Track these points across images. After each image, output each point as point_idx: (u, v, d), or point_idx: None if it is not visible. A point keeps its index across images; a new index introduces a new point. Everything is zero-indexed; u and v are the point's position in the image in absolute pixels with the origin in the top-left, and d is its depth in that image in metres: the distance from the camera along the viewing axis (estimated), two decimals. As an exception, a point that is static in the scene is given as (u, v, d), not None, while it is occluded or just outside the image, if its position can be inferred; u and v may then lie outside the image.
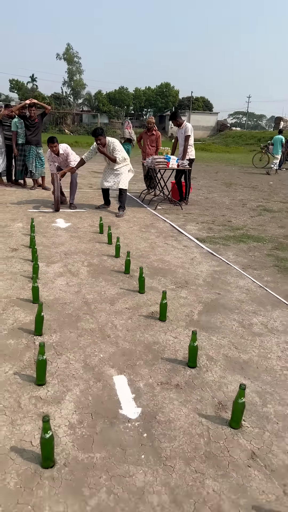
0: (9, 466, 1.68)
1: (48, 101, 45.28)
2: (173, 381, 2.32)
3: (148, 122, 8.49)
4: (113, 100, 47.93)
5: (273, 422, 2.03)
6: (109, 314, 3.08)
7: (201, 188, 10.23)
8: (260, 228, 6.23)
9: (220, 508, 1.56)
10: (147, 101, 48.31)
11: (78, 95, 49.47)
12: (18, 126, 7.78)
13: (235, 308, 3.33)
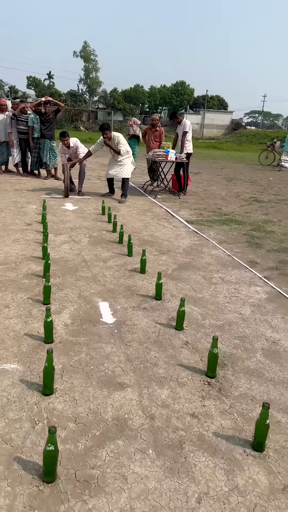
0: (23, 342, 2.62)
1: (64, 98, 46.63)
2: (142, 306, 3.24)
3: (152, 119, 9.41)
4: (128, 98, 49.01)
5: (206, 328, 2.93)
6: (101, 268, 4.01)
7: (203, 181, 11.09)
8: (245, 214, 7.08)
9: (157, 363, 2.47)
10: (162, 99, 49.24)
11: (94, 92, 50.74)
12: (34, 122, 8.78)
13: (203, 268, 4.23)
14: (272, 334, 2.93)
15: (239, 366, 2.50)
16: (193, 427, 1.96)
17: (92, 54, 49.25)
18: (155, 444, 1.84)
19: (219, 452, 1.83)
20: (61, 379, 2.25)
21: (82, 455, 1.75)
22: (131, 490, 1.60)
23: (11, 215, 5.84)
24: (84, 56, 48.75)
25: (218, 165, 16.62)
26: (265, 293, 3.66)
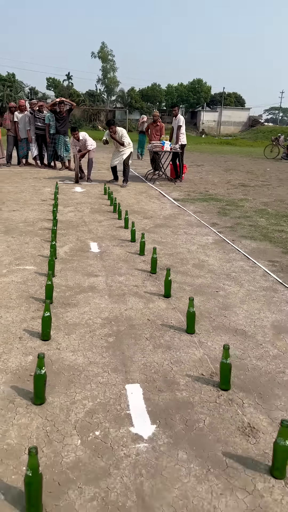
0: (36, 258, 4.15)
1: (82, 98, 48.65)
2: (120, 245, 4.72)
3: (154, 115, 10.90)
4: (146, 96, 50.60)
5: (160, 254, 4.38)
6: (96, 225, 5.52)
7: (202, 172, 12.47)
8: (227, 195, 8.46)
9: (121, 268, 3.95)
10: (179, 97, 50.59)
11: (112, 92, 52.61)
12: (50, 120, 10.40)
13: (173, 226, 5.67)
14: (204, 258, 4.36)
15: (173, 270, 3.94)
16: (134, 288, 3.43)
17: (110, 54, 51.17)
18: (110, 294, 3.32)
19: (144, 297, 3.29)
20: (59, 273, 3.76)
21: (70, 296, 3.24)
22: (90, 306, 3.08)
23: (30, 194, 7.43)
24: (102, 57, 50.70)
25: (224, 158, 17.90)
26: (213, 240, 5.09)
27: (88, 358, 2.43)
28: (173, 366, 2.39)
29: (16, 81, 52.06)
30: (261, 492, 1.58)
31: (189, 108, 51.34)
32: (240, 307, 3.21)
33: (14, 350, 2.48)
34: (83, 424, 1.90)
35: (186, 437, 1.84)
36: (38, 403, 2.00)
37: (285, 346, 2.67)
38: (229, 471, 1.67)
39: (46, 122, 10.44)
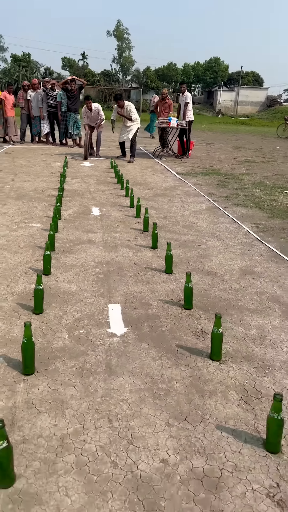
0: (43, 218, 4.71)
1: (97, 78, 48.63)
2: (119, 209, 5.24)
3: (163, 93, 11.23)
4: (161, 76, 50.24)
5: (154, 216, 4.89)
6: (100, 194, 6.05)
7: (210, 149, 12.78)
8: (230, 170, 8.84)
9: (117, 227, 4.48)
10: (196, 76, 50.04)
11: (127, 71, 52.33)
12: (62, 97, 10.86)
13: (172, 196, 6.15)
14: (194, 220, 4.86)
15: (164, 229, 4.45)
16: (127, 242, 3.96)
17: (125, 33, 50.73)
18: (105, 245, 3.86)
19: (134, 248, 3.82)
20: (63, 231, 4.31)
21: (70, 246, 3.80)
22: (86, 253, 3.64)
23: (41, 168, 7.98)
24: (117, 35, 50.31)
25: (236, 137, 18.06)
26: (206, 207, 5.56)
27: (80, 287, 2.99)
28: (149, 293, 2.93)
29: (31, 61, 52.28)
30: (200, 368, 2.12)
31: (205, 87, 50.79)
32: (216, 257, 3.72)
33: (20, 280, 3.05)
34: (71, 326, 2.46)
35: (150, 335, 2.39)
36: (37, 312, 2.57)
37: (247, 283, 3.18)
38: (179, 355, 2.22)
39: (58, 100, 10.90)
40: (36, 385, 1.95)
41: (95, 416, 1.76)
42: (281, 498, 1.43)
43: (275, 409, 1.54)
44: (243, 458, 1.58)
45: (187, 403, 1.86)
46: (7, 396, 1.86)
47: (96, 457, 1.56)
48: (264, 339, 2.41)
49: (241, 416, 1.79)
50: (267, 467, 1.55)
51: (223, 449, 1.62)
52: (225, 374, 2.07)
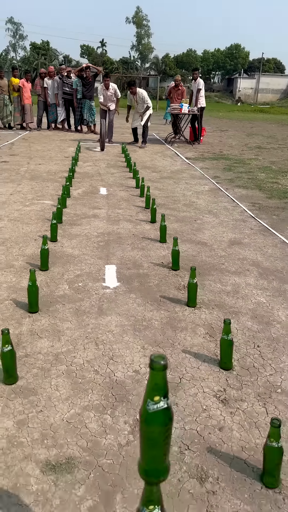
0: (53, 196, 5.14)
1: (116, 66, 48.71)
2: (125, 190, 5.63)
3: (176, 80, 11.47)
4: (180, 63, 49.96)
5: (157, 196, 5.26)
6: (109, 176, 6.44)
7: (223, 136, 12.98)
8: (239, 155, 9.09)
9: (121, 204, 4.87)
10: (215, 63, 49.57)
11: (146, 59, 52.28)
12: (78, 85, 11.24)
13: (177, 178, 6.50)
14: (194, 200, 5.21)
15: (165, 207, 4.82)
16: (128, 217, 4.36)
17: (145, 19, 50.55)
18: (108, 219, 4.27)
19: (134, 222, 4.21)
20: (71, 207, 4.73)
21: (76, 220, 4.22)
22: (90, 225, 4.05)
23: (55, 152, 8.42)
24: (137, 22, 50.22)
25: (251, 125, 18.11)
26: (209, 188, 5.89)
27: (82, 251, 3.41)
28: (142, 258, 3.33)
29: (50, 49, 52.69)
30: (176, 312, 2.52)
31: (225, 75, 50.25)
32: (209, 230, 4.08)
33: (30, 245, 3.49)
34: (72, 280, 2.89)
35: (138, 289, 2.80)
36: (43, 269, 3.01)
37: (232, 252, 3.53)
38: (161, 303, 2.62)
39: (73, 87, 11.28)
40: (38, 320, 2.38)
41: (85, 341, 2.18)
42: (225, 398, 1.82)
43: (225, 332, 1.92)
44: (199, 372, 1.98)
45: (161, 335, 2.26)
46: (15, 326, 2.29)
47: (83, 367, 1.98)
48: (236, 293, 2.78)
49: (204, 345, 2.19)
50: (218, 378, 1.94)
51: (185, 365, 2.02)
52: (197, 317, 2.46)
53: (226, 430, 1.66)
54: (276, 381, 1.94)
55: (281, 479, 1.45)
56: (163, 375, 0.80)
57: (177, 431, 1.64)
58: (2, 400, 1.77)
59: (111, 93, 9.75)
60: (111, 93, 9.75)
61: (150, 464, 0.84)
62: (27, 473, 1.45)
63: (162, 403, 0.80)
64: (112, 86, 9.72)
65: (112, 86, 9.72)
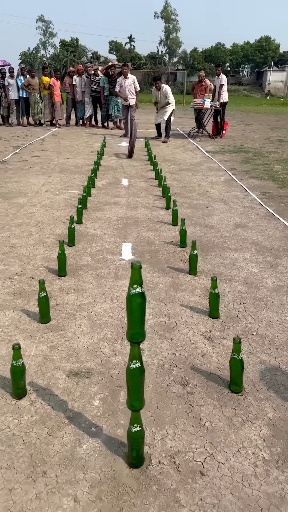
0: (80, 188, 5.74)
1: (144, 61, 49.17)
2: (145, 181, 6.16)
3: (200, 75, 11.88)
4: (209, 57, 49.85)
5: (174, 186, 5.76)
6: (131, 169, 6.99)
7: (247, 130, 13.27)
8: (259, 148, 9.42)
9: (140, 193, 5.41)
10: (245, 57, 49.16)
11: (174, 53, 52.46)
12: (105, 82, 11.83)
13: (195, 170, 6.97)
14: (209, 189, 5.68)
15: (180, 195, 5.32)
16: (146, 204, 4.89)
17: (173, 13, 50.69)
18: (127, 206, 4.81)
19: (151, 208, 4.73)
20: (95, 196, 5.30)
21: (99, 206, 4.79)
22: (111, 211, 4.60)
23: (82, 147, 9.05)
24: (165, 17, 50.44)
25: (277, 119, 18.21)
26: (224, 179, 6.33)
27: (103, 232, 3.98)
28: (155, 237, 3.86)
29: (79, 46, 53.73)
30: (179, 278, 3.03)
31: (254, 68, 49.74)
32: (218, 215, 4.56)
33: (59, 227, 4.09)
34: (93, 253, 3.46)
35: (149, 261, 3.33)
36: (70, 245, 3.59)
37: (236, 233, 4.00)
38: (167, 272, 3.14)
39: (101, 84, 11.89)
40: (66, 281, 2.96)
41: (102, 297, 2.74)
42: (209, 336, 2.33)
43: (213, 287, 2.42)
44: (192, 319, 2.49)
45: (164, 294, 2.79)
46: (47, 286, 2.87)
47: (100, 314, 2.54)
48: (233, 265, 3.26)
49: (199, 301, 2.70)
50: (207, 323, 2.45)
51: (180, 314, 2.54)
52: (196, 282, 2.97)
53: (207, 356, 2.17)
54: (254, 327, 2.43)
55: (244, 387, 1.96)
56: (139, 272, 1.32)
57: (169, 355, 2.17)
58: (38, 333, 2.35)
59: (129, 83, 10.10)
60: (130, 83, 10.11)
61: (132, 329, 1.36)
62: (57, 377, 2.02)
63: (138, 289, 1.32)
64: (131, 76, 10.13)
65: (131, 76, 10.13)
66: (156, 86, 9.89)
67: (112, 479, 1.51)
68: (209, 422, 1.77)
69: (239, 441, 1.68)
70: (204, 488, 1.48)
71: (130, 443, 1.53)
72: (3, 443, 1.65)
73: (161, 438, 1.69)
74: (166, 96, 9.90)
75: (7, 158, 7.71)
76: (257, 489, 1.48)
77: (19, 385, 1.85)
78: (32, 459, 1.59)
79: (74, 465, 1.56)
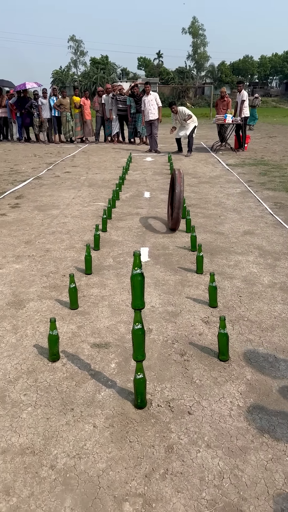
0: (106, 198, 6.38)
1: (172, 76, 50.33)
2: (166, 193, 6.73)
3: (222, 91, 12.47)
4: (237, 70, 50.49)
5: (191, 199, 6.30)
6: (153, 182, 7.59)
7: (270, 142, 13.67)
8: (279, 160, 9.84)
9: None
10: (273, 68, 49.47)
11: (202, 67, 53.43)
12: (131, 101, 12.61)
13: (213, 183, 7.49)
14: (224, 201, 6.18)
15: (196, 206, 5.85)
16: (164, 215, 5.45)
17: (201, 28, 51.82)
18: (147, 216, 5.39)
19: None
20: (119, 207, 5.92)
21: (122, 216, 5.40)
22: (133, 221, 5.20)
23: (110, 163, 9.77)
24: (193, 32, 51.63)
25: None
26: (240, 191, 6.82)
27: (124, 238, 4.57)
28: (170, 243, 4.41)
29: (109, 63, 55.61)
30: (187, 276, 3.57)
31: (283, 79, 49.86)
32: (229, 224, 5.06)
33: (87, 234, 4.72)
34: (115, 256, 4.04)
35: (163, 262, 3.88)
36: (96, 249, 4.19)
37: (244, 239, 4.49)
38: (177, 271, 3.68)
39: (127, 103, 12.68)
40: (91, 278, 3.55)
41: (121, 290, 3.31)
42: (207, 321, 2.85)
43: (211, 281, 2.94)
44: (194, 308, 3.02)
45: (173, 289, 3.33)
46: (76, 281, 3.47)
47: (118, 303, 3.11)
48: (236, 266, 3.76)
49: (202, 295, 3.22)
50: (206, 311, 2.97)
51: (185, 304, 3.07)
52: (202, 279, 3.49)
53: (203, 335, 2.69)
54: (245, 315, 2.93)
55: (230, 357, 2.46)
56: (139, 258, 1.87)
57: (172, 334, 2.70)
58: (69, 317, 2.94)
59: (151, 99, 10.91)
60: (151, 99, 10.91)
61: (135, 300, 1.90)
62: (83, 347, 2.59)
63: (138, 270, 1.87)
64: (154, 95, 10.91)
65: (154, 95, 10.91)
66: (173, 110, 10.52)
67: (122, 415, 2.05)
68: (199, 380, 2.28)
69: (221, 393, 2.18)
70: (190, 422, 2.00)
71: (135, 389, 2.07)
72: (42, 390, 2.23)
73: (160, 390, 2.22)
74: (184, 114, 10.49)
75: (42, 174, 8.51)
76: (230, 424, 1.99)
77: (54, 351, 2.44)
78: (63, 400, 2.15)
79: (94, 405, 2.12)
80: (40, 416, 2.05)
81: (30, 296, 3.26)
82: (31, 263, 3.93)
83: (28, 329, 2.79)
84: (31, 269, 3.77)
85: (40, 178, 8.11)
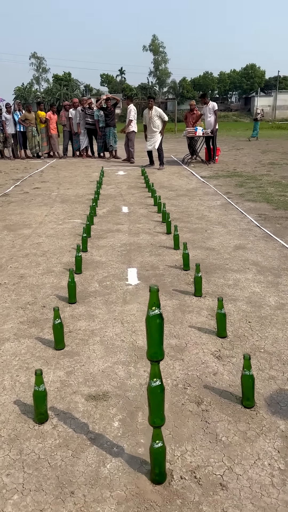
0: (83, 216, 5.90)
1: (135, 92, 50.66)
2: (144, 207, 6.34)
3: (191, 104, 12.32)
4: (198, 85, 51.49)
5: (173, 212, 5.93)
6: (130, 196, 7.18)
7: (238, 154, 13.64)
8: (251, 172, 9.70)
9: (141, 220, 5.57)
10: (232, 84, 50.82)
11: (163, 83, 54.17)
12: (99, 115, 12.24)
13: (192, 196, 7.17)
14: (206, 213, 5.85)
15: (179, 220, 5.48)
16: (147, 230, 5.03)
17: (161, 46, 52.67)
18: (129, 232, 4.95)
19: (152, 234, 4.88)
20: (97, 224, 5.45)
21: (102, 234, 4.93)
22: (114, 238, 4.74)
23: (81, 178, 9.29)
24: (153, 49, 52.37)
25: (267, 142, 18.73)
26: (221, 203, 6.52)
27: (108, 258, 4.10)
28: (159, 262, 3.98)
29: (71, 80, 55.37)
30: (185, 300, 3.14)
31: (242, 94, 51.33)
32: (217, 238, 4.70)
33: (65, 255, 4.21)
34: (101, 280, 3.56)
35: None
36: (77, 272, 3.70)
37: (236, 255, 4.13)
38: (173, 294, 3.25)
39: (95, 118, 12.30)
40: (76, 308, 3.06)
41: (113, 321, 2.83)
42: (219, 355, 2.42)
43: (219, 307, 2.53)
44: (201, 339, 2.59)
45: (173, 316, 2.89)
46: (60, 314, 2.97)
47: (112, 338, 2.63)
48: (236, 286, 3.38)
49: (206, 322, 2.80)
50: (215, 343, 2.54)
51: (190, 335, 2.63)
52: (202, 303, 3.08)
53: (218, 375, 2.25)
54: (261, 345, 2.52)
55: (256, 402, 2.04)
56: (156, 295, 1.43)
57: (182, 375, 2.25)
58: (54, 360, 2.43)
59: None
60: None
61: (152, 349, 1.45)
62: (76, 401, 2.09)
63: (157, 311, 1.42)
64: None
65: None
66: (149, 104, 10.15)
67: (138, 496, 1.57)
68: (225, 437, 1.84)
69: (255, 453, 1.75)
70: (226, 499, 1.55)
71: (152, 460, 1.61)
72: (30, 467, 1.72)
73: (180, 454, 1.76)
74: (159, 116, 10.13)
75: (9, 190, 7.92)
76: (276, 497, 1.55)
77: (41, 410, 1.93)
78: (59, 480, 1.65)
79: (100, 484, 1.63)
80: (31, 507, 1.53)
81: (5, 335, 2.72)
82: (4, 292, 3.38)
83: (6, 380, 2.26)
84: (4, 301, 3.23)
85: (8, 195, 7.52)
